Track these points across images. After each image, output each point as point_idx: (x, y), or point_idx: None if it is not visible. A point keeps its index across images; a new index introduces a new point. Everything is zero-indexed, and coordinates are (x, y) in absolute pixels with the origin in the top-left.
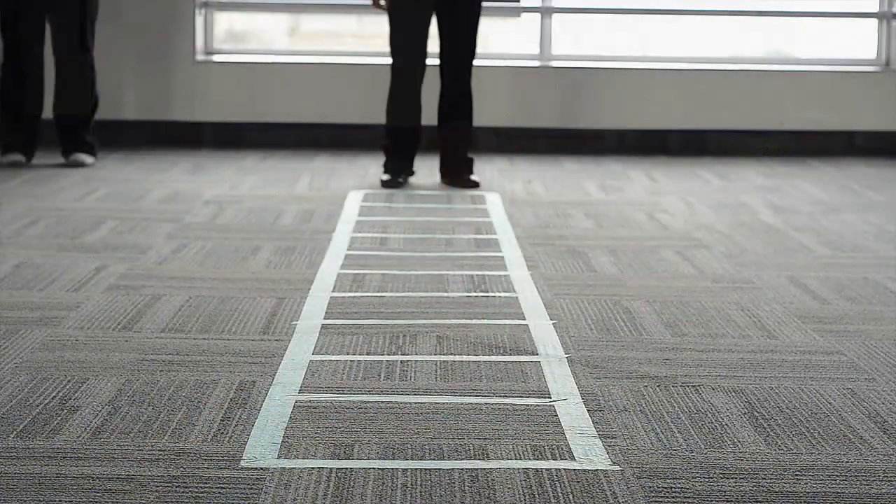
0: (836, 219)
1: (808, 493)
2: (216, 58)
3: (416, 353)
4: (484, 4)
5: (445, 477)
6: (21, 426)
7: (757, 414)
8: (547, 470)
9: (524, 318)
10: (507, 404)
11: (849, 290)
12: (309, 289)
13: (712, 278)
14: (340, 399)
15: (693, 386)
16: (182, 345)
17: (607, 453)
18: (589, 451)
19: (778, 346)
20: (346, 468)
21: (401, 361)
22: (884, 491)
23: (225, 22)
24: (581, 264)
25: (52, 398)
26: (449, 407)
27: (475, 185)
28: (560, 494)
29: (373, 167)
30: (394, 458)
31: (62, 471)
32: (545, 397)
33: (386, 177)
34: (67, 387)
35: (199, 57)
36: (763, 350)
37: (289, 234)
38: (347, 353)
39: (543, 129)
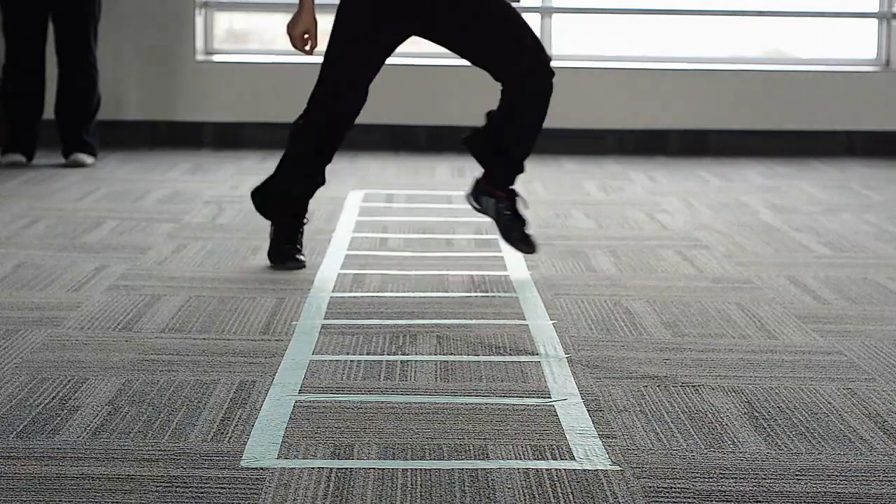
0: (836, 219)
1: (808, 493)
2: (216, 58)
3: (416, 353)
4: None
5: (445, 477)
6: (21, 426)
7: (757, 414)
8: (547, 470)
9: (524, 318)
10: (507, 404)
11: (849, 290)
12: (309, 289)
13: (712, 278)
14: (340, 399)
15: (693, 386)
16: (182, 345)
17: (607, 453)
18: (589, 451)
19: (778, 346)
20: (346, 468)
21: (401, 361)
22: (884, 491)
23: (225, 22)
24: (581, 264)
25: (52, 398)
26: (449, 407)
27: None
28: (560, 494)
29: (372, 167)
30: (394, 458)
31: (62, 471)
32: (545, 397)
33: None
34: (67, 387)
35: (199, 57)
36: (763, 350)
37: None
38: (347, 353)
39: (544, 129)
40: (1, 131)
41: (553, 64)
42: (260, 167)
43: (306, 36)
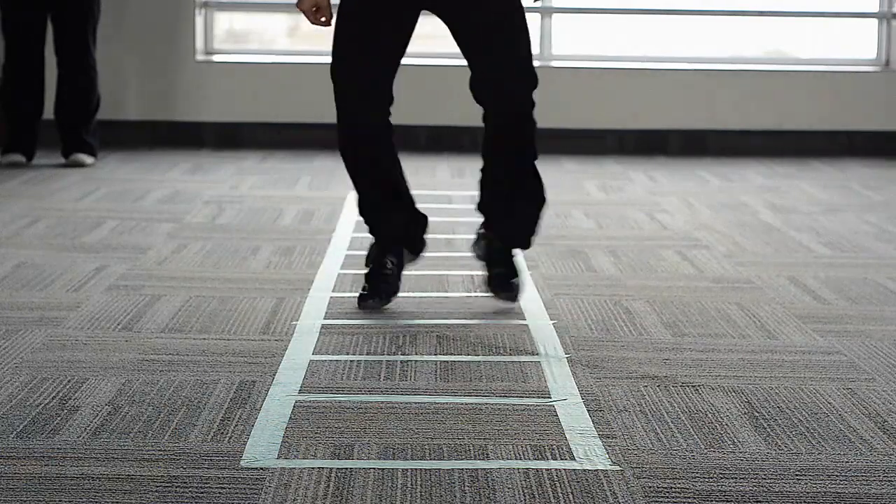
0: (836, 219)
1: (808, 493)
2: (216, 58)
3: (416, 353)
4: None
5: (445, 477)
6: (21, 426)
7: (757, 414)
8: (547, 470)
9: (524, 318)
10: (507, 404)
11: (849, 290)
12: (309, 289)
13: (712, 278)
14: (340, 399)
15: (693, 386)
16: (182, 345)
17: (607, 453)
18: (589, 451)
19: (778, 346)
20: (346, 468)
21: (401, 361)
22: (884, 491)
23: (225, 22)
24: (581, 264)
25: (52, 398)
26: (449, 407)
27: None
28: (560, 494)
29: None
30: (394, 458)
31: (62, 471)
32: (545, 397)
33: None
34: (67, 387)
35: (199, 57)
36: (763, 350)
37: (289, 234)
38: (347, 353)
39: (544, 129)
40: (1, 131)
41: (549, 66)
42: (260, 167)
43: (316, 9)
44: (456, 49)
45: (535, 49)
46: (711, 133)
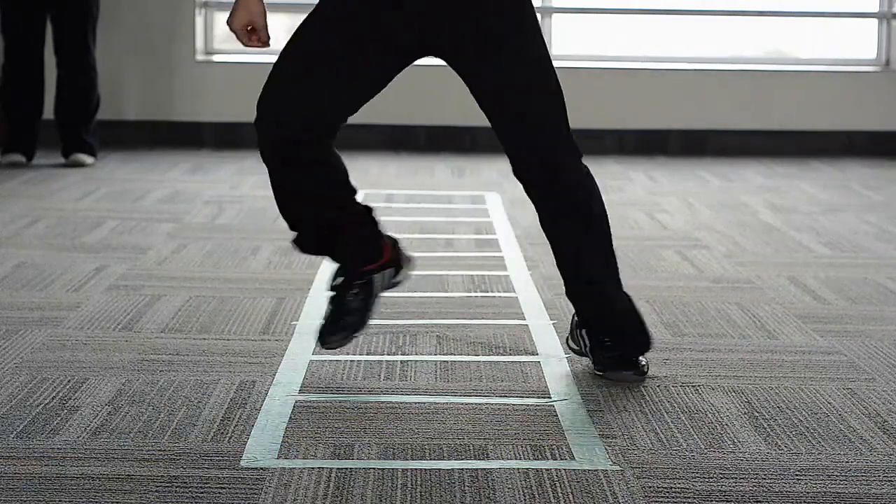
0: (836, 219)
1: (808, 493)
2: (216, 58)
3: (416, 353)
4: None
5: (445, 477)
6: (21, 426)
7: (757, 414)
8: (547, 470)
9: (524, 318)
10: (507, 404)
11: (849, 290)
12: (309, 289)
13: (712, 278)
14: (340, 399)
15: (693, 386)
16: (182, 345)
17: (607, 453)
18: (589, 451)
19: (778, 346)
20: (346, 468)
21: (401, 361)
22: (884, 491)
23: (225, 22)
24: None
25: (52, 398)
26: (449, 407)
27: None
28: (560, 494)
29: (373, 167)
30: (394, 458)
31: (62, 471)
32: (545, 397)
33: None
34: (67, 387)
35: (199, 57)
36: (763, 350)
37: (289, 234)
38: (347, 353)
39: None
40: (1, 131)
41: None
42: (260, 167)
43: (250, 28)
44: None
45: None
46: (711, 133)
